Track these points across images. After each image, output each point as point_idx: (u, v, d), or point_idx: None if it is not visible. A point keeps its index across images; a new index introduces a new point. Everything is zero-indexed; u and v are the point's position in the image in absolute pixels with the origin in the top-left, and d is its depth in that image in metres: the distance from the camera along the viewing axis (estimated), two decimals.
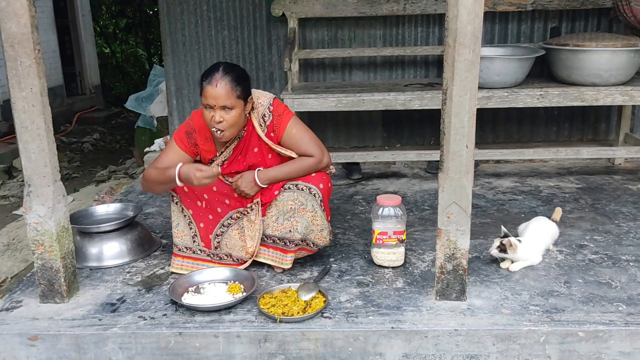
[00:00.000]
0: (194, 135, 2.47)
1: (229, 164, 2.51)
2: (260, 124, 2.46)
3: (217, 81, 2.28)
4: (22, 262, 3.69)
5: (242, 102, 2.35)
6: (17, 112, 2.11)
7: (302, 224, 2.41)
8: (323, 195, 2.45)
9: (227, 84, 2.29)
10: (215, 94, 2.28)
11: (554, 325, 2.06)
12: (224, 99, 2.28)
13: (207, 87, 2.30)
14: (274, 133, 2.46)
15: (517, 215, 3.15)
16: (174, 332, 2.08)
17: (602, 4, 3.93)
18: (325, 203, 2.48)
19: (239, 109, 2.33)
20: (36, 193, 2.18)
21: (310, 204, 2.42)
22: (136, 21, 11.15)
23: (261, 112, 2.46)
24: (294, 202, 2.42)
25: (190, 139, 2.47)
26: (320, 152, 2.46)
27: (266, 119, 2.46)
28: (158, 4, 4.30)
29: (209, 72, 2.33)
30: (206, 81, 2.31)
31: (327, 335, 2.07)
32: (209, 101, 2.30)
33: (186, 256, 2.53)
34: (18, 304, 2.30)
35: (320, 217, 2.45)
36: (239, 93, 2.32)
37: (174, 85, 4.41)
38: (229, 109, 2.31)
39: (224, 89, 2.28)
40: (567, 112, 4.30)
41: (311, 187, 2.43)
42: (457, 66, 1.98)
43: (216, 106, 2.30)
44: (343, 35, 4.24)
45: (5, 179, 5.70)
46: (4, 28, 2.04)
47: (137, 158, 5.61)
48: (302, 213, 2.41)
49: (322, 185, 2.45)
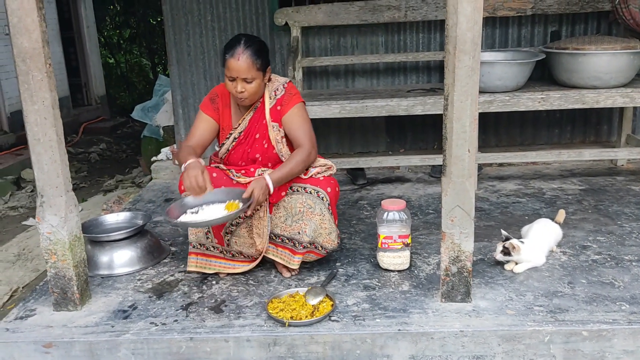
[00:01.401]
0: (216, 100, 2.62)
1: (240, 139, 2.59)
2: (270, 96, 2.59)
3: (239, 55, 2.40)
4: (33, 272, 3.73)
5: (261, 74, 2.48)
6: (30, 125, 2.16)
7: (311, 227, 2.46)
8: (331, 199, 2.51)
9: (249, 58, 2.41)
10: (237, 67, 2.41)
11: (558, 325, 2.09)
12: (245, 72, 2.41)
13: (230, 60, 2.42)
14: (280, 107, 2.57)
15: (521, 217, 3.19)
16: (185, 337, 2.13)
17: (602, 8, 3.96)
18: (333, 206, 2.54)
19: (259, 80, 2.48)
20: (49, 203, 2.23)
21: (319, 207, 2.47)
22: (140, 31, 11.26)
23: (275, 86, 2.60)
24: (302, 205, 2.48)
25: (213, 104, 2.62)
26: (311, 144, 2.52)
27: (277, 93, 2.59)
28: (163, 15, 4.37)
29: (231, 45, 2.44)
30: (229, 54, 2.43)
31: (335, 338, 2.11)
32: (231, 73, 2.43)
33: (200, 253, 2.56)
34: (32, 312, 2.35)
35: (328, 221, 2.50)
36: (259, 65, 2.44)
37: (180, 95, 4.47)
38: (250, 80, 2.44)
39: (245, 62, 2.40)
40: (569, 114, 4.33)
41: (319, 190, 2.49)
42: (458, 72, 2.02)
43: (238, 78, 2.43)
44: (345, 42, 4.30)
45: (14, 190, 5.76)
46: (16, 43, 2.09)
47: (143, 167, 5.67)
48: (311, 216, 2.47)
49: (330, 189, 2.51)
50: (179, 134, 4.56)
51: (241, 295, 2.42)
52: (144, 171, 5.65)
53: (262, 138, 2.60)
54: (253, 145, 2.60)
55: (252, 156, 2.62)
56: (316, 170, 2.56)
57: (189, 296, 2.44)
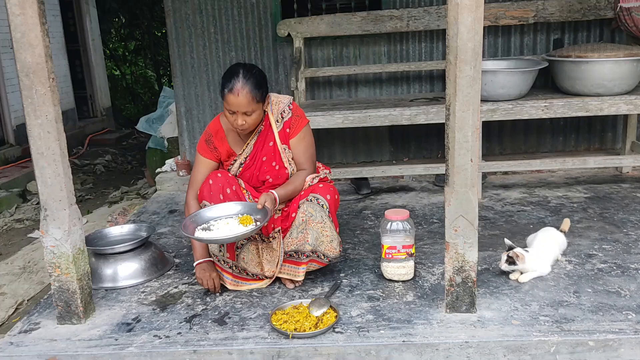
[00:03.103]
0: (211, 140, 2.62)
1: (247, 164, 2.62)
2: (277, 120, 2.61)
3: (239, 91, 2.40)
4: (38, 285, 3.74)
5: (261, 104, 2.49)
6: (33, 139, 2.18)
7: (312, 235, 2.47)
8: (330, 206, 2.52)
9: (248, 93, 2.41)
10: (237, 102, 2.41)
11: (564, 335, 2.07)
12: (245, 107, 2.42)
13: (229, 96, 2.42)
14: (289, 129, 2.61)
15: (526, 226, 3.17)
16: (189, 350, 2.12)
17: (604, 15, 3.97)
18: (333, 214, 2.55)
19: (259, 110, 2.49)
20: (52, 217, 2.24)
21: (319, 215, 2.48)
22: (145, 43, 11.34)
23: (281, 108, 2.62)
24: (304, 214, 2.50)
25: (209, 145, 2.63)
26: (313, 169, 2.65)
27: (284, 115, 2.61)
28: (166, 28, 4.40)
29: (229, 78, 2.43)
30: (227, 89, 2.42)
31: (339, 350, 2.10)
32: (231, 107, 2.44)
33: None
34: (36, 326, 2.35)
35: (329, 228, 2.50)
36: (258, 98, 2.45)
37: (184, 107, 4.49)
38: (250, 113, 2.45)
39: (245, 98, 2.41)
40: (573, 122, 4.32)
41: (319, 197, 2.51)
42: (459, 82, 2.02)
43: (238, 112, 2.43)
44: (348, 53, 4.31)
45: (20, 203, 5.79)
46: (19, 58, 2.11)
47: (148, 178, 5.68)
48: (312, 224, 2.48)
49: (329, 197, 2.53)
50: (183, 146, 4.58)
51: (245, 307, 2.41)
52: (149, 182, 5.66)
53: (270, 160, 2.62)
54: (261, 168, 2.63)
55: (263, 178, 2.65)
56: (310, 177, 2.62)
57: (193, 308, 2.43)
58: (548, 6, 3.96)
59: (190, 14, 4.30)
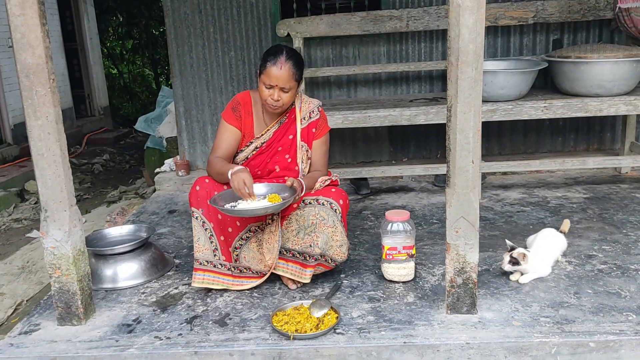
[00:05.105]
0: (238, 108, 2.63)
1: (262, 149, 2.63)
2: (304, 117, 2.63)
3: (282, 64, 2.44)
4: (37, 285, 3.73)
5: (296, 86, 2.53)
6: (33, 140, 2.17)
7: (322, 239, 2.46)
8: (342, 211, 2.53)
9: (290, 68, 2.45)
10: (278, 75, 2.44)
11: (564, 336, 2.08)
12: (285, 81, 2.45)
13: (271, 68, 2.44)
14: (315, 130, 2.66)
15: (526, 226, 3.18)
16: (190, 351, 2.12)
17: (603, 16, 3.97)
18: (344, 218, 2.55)
19: (293, 90, 2.52)
20: (53, 218, 2.23)
21: (331, 219, 2.48)
22: (142, 42, 11.33)
23: (311, 108, 2.67)
24: (315, 217, 2.49)
25: (235, 112, 2.63)
26: (325, 173, 2.69)
27: (312, 116, 2.66)
28: (165, 28, 4.39)
29: (273, 54, 2.47)
30: (271, 62, 2.45)
31: (340, 351, 2.10)
32: (271, 81, 2.45)
33: (207, 269, 2.55)
34: (36, 327, 2.35)
35: (340, 233, 2.50)
36: (297, 77, 2.50)
37: (183, 107, 4.49)
38: (287, 90, 2.48)
39: (287, 72, 2.44)
40: (573, 122, 4.33)
41: (332, 202, 2.50)
42: (461, 84, 2.02)
43: (277, 86, 2.46)
44: (347, 53, 4.31)
45: (18, 202, 5.77)
46: (20, 59, 2.10)
47: (147, 178, 5.68)
48: (323, 228, 2.47)
49: (342, 201, 2.53)
50: (182, 145, 4.57)
51: (245, 308, 2.41)
52: (148, 182, 5.66)
53: (284, 152, 2.64)
54: (273, 157, 2.64)
55: (271, 167, 2.66)
56: (322, 179, 2.63)
57: (193, 309, 2.43)
58: (547, 7, 3.97)
59: (190, 14, 4.29)
